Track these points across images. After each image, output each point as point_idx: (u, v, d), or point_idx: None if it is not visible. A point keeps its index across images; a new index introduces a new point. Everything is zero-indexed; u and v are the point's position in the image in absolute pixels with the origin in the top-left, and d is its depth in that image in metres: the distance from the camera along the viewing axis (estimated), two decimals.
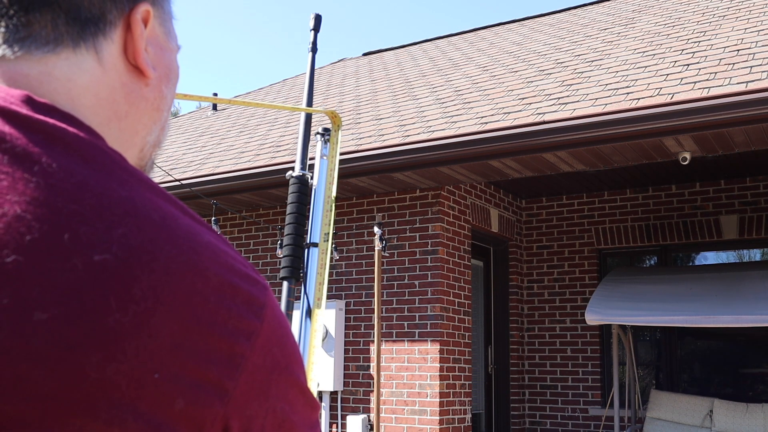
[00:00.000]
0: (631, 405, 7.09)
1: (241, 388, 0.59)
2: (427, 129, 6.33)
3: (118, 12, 0.69)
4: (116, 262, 0.55)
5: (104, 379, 0.53)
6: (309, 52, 2.49)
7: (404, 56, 11.29)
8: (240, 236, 7.84)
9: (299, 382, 0.66)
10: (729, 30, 6.83)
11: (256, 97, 11.50)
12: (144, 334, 0.55)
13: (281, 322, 0.64)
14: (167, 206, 0.61)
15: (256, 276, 0.63)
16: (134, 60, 0.70)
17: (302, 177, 2.26)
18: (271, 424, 0.62)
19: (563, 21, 10.54)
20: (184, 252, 0.58)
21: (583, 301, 7.79)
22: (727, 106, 4.91)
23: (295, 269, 2.21)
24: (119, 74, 0.70)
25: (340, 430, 6.84)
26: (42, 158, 0.58)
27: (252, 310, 0.60)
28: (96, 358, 0.53)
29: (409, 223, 6.84)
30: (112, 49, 0.69)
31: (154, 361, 0.55)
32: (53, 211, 0.56)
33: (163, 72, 0.74)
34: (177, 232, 0.59)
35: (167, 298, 0.56)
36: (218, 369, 0.58)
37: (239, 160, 7.34)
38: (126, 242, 0.56)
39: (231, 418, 0.59)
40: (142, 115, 0.72)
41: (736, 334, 7.39)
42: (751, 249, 7.64)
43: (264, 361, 0.61)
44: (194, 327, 0.57)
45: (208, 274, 0.59)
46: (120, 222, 0.57)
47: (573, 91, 6.23)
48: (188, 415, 0.56)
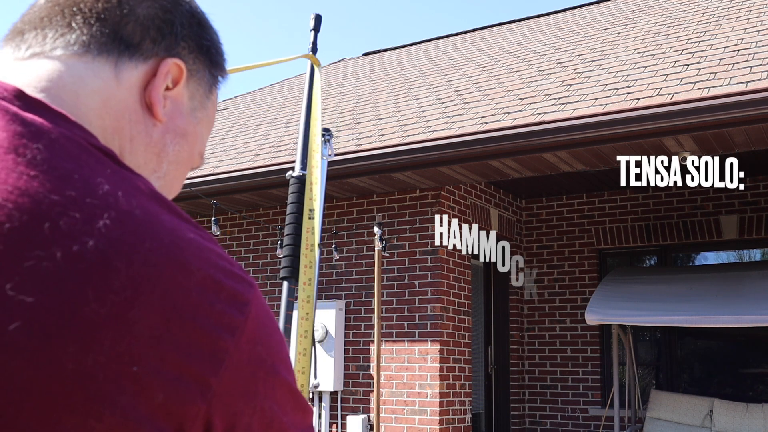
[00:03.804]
0: (631, 405, 7.09)
1: (224, 383, 0.58)
2: (427, 129, 6.33)
3: (153, 52, 0.73)
4: (95, 253, 0.55)
5: (81, 370, 0.53)
6: (309, 52, 2.49)
7: (404, 56, 11.29)
8: (240, 236, 7.84)
9: (287, 383, 0.65)
10: (729, 30, 6.83)
11: (256, 97, 11.50)
12: (122, 326, 0.54)
13: (267, 321, 0.64)
14: (152, 204, 0.61)
15: (243, 274, 0.63)
16: (149, 96, 0.72)
17: (302, 177, 2.26)
18: (258, 423, 0.61)
19: (563, 21, 10.54)
20: (166, 246, 0.58)
21: (583, 301, 7.79)
22: (727, 106, 4.91)
23: (295, 269, 2.21)
24: (133, 98, 0.72)
25: (340, 430, 6.84)
26: (26, 151, 0.59)
27: (236, 306, 0.60)
28: (73, 349, 0.53)
29: (409, 223, 6.84)
30: (133, 74, 0.72)
31: (132, 353, 0.54)
32: (34, 201, 0.56)
33: (173, 129, 0.75)
34: (159, 227, 0.59)
35: (147, 290, 0.56)
36: (200, 364, 0.57)
37: (239, 160, 7.34)
38: (106, 234, 0.56)
39: (214, 414, 0.58)
40: (145, 151, 0.73)
41: (736, 334, 7.39)
42: (751, 249, 7.64)
43: (249, 358, 0.60)
44: (175, 320, 0.56)
45: (191, 269, 0.59)
46: (101, 215, 0.57)
47: (573, 91, 6.23)
48: (169, 410, 0.56)
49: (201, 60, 0.78)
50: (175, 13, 0.75)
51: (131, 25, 0.72)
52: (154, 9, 0.74)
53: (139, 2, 0.73)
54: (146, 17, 0.73)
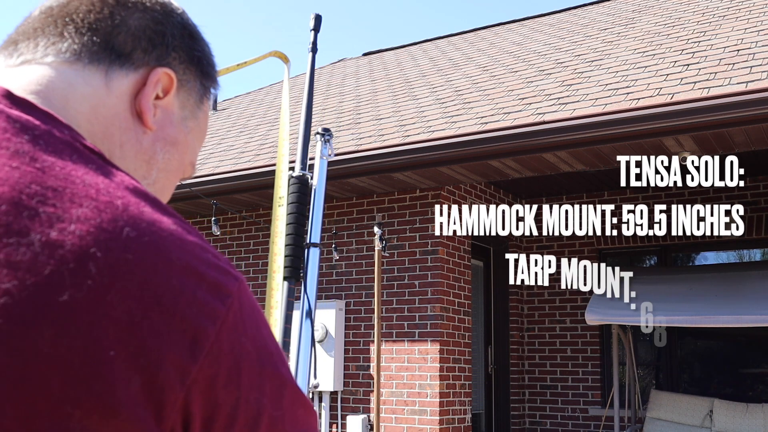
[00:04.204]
0: (631, 405, 7.09)
1: (204, 372, 0.58)
2: (427, 129, 6.33)
3: (144, 62, 0.75)
4: (73, 239, 0.56)
5: (57, 354, 0.53)
6: (309, 52, 2.49)
7: (404, 56, 11.29)
8: (240, 236, 7.84)
9: (281, 377, 0.64)
10: (729, 30, 6.83)
11: (256, 97, 11.50)
12: (99, 311, 0.55)
13: (253, 314, 0.64)
14: (134, 197, 0.62)
15: (229, 268, 0.63)
16: (139, 104, 0.74)
17: (302, 177, 2.26)
18: (244, 416, 0.61)
19: (563, 21, 10.54)
20: (146, 234, 0.59)
21: (583, 301, 7.78)
22: (727, 106, 4.91)
23: (295, 269, 2.21)
24: (123, 106, 0.73)
25: (340, 430, 6.84)
26: (9, 144, 0.60)
27: (218, 297, 0.60)
28: (49, 333, 0.53)
29: (409, 223, 6.84)
30: (124, 83, 0.74)
31: (109, 338, 0.55)
32: (14, 190, 0.57)
33: (164, 137, 0.77)
34: (139, 218, 0.60)
35: (124, 276, 0.56)
36: (180, 351, 0.57)
37: (239, 160, 7.34)
38: (84, 221, 0.57)
39: (192, 402, 0.58)
40: (135, 157, 0.74)
41: (736, 334, 7.39)
42: (751, 249, 7.64)
43: (231, 348, 0.60)
44: (154, 307, 0.57)
45: (171, 258, 0.59)
46: (80, 204, 0.58)
47: (573, 91, 6.23)
48: (147, 396, 0.56)
49: (192, 70, 0.80)
50: (166, 25, 0.77)
51: (123, 35, 0.74)
52: (146, 20, 0.76)
53: (131, 13, 0.75)
54: (138, 28, 0.75)
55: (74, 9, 0.74)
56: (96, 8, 0.74)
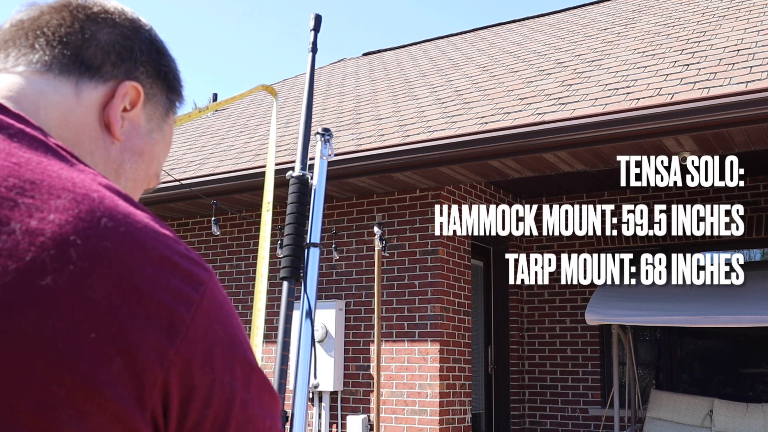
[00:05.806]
0: (631, 405, 7.09)
1: (181, 354, 0.61)
2: (427, 129, 6.33)
3: (113, 75, 0.78)
4: (53, 227, 0.59)
5: (40, 336, 0.56)
6: (309, 52, 2.49)
7: (404, 56, 11.29)
8: (240, 236, 7.84)
9: (249, 362, 0.68)
10: (729, 30, 6.83)
11: (256, 97, 11.50)
12: (79, 295, 0.58)
13: (224, 304, 0.67)
14: (108, 192, 0.64)
15: (200, 260, 0.66)
16: (107, 115, 0.77)
17: (302, 177, 2.26)
18: (219, 398, 0.64)
19: (563, 21, 10.54)
20: (122, 225, 0.62)
21: (583, 301, 7.78)
22: (727, 106, 4.91)
23: (295, 269, 2.21)
24: (92, 116, 0.76)
25: (340, 430, 6.84)
26: None
27: (191, 285, 0.64)
28: (32, 316, 0.56)
29: (409, 223, 6.84)
30: (93, 94, 0.77)
31: (90, 321, 0.58)
32: None
33: (131, 148, 0.80)
34: (116, 209, 0.63)
35: (103, 263, 0.59)
36: (158, 334, 0.60)
37: (239, 160, 7.34)
38: (63, 211, 0.60)
39: (171, 383, 0.61)
40: (104, 166, 0.77)
41: (736, 334, 7.39)
42: (751, 249, 7.64)
43: (205, 333, 0.63)
44: (131, 292, 0.60)
45: (146, 247, 0.62)
46: (58, 195, 0.61)
47: (573, 91, 6.23)
48: (127, 377, 0.59)
49: (158, 85, 0.83)
50: (134, 40, 0.81)
51: (92, 49, 0.77)
52: (115, 35, 0.79)
53: (101, 28, 0.78)
54: (107, 42, 0.78)
55: (45, 23, 0.77)
56: (67, 22, 0.77)
